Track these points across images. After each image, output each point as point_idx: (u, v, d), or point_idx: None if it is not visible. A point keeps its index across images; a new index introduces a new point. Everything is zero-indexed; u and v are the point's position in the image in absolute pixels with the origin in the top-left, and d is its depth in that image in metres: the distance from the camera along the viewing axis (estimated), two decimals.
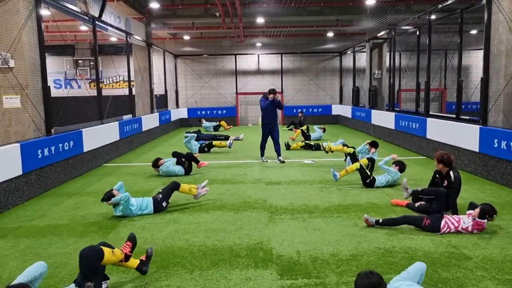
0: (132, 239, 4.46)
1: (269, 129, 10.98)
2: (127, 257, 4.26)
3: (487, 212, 5.37)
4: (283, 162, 10.81)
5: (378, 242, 5.21)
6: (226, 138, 15.29)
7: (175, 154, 9.79)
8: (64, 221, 6.31)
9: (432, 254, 4.82)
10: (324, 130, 15.55)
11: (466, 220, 5.47)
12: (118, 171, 10.26)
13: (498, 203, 6.78)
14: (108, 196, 6.26)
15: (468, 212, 5.63)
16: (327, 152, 10.45)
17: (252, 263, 4.68)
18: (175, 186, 6.91)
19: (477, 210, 5.43)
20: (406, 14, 14.23)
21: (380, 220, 5.77)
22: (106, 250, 3.96)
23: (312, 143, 13.08)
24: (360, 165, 8.01)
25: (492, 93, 8.75)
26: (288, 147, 13.06)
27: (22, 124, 8.11)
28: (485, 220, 5.36)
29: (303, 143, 13.19)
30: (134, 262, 4.34)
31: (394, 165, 8.05)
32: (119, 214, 6.32)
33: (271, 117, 10.96)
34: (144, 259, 4.44)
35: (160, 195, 6.72)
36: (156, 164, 9.36)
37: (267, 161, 11.01)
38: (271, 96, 10.73)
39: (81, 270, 3.78)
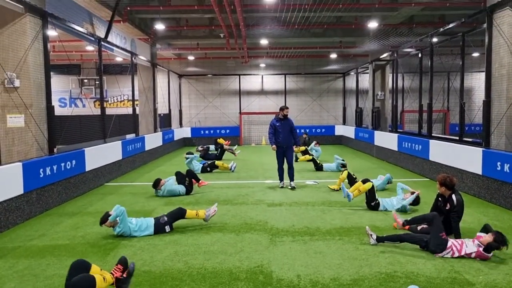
0: (123, 262, 4.40)
1: (283, 152, 10.20)
2: (117, 280, 4.21)
3: (493, 247, 5.28)
4: (294, 188, 10.08)
5: (380, 266, 5.15)
6: (221, 147, 15.58)
7: (177, 174, 9.80)
8: (64, 241, 6.27)
9: (434, 280, 4.75)
10: (318, 143, 15.40)
11: (469, 244, 5.40)
12: (120, 190, 10.25)
13: (501, 227, 6.71)
14: (104, 218, 6.27)
15: (478, 234, 5.56)
16: (335, 190, 9.76)
17: (251, 286, 4.63)
18: (181, 213, 6.77)
19: (486, 240, 5.33)
20: (408, 36, 14.38)
21: (383, 236, 5.82)
22: (97, 278, 3.91)
23: (318, 161, 13.10)
24: (373, 185, 7.97)
25: (495, 116, 8.74)
26: (296, 158, 13.46)
27: (25, 143, 8.15)
28: (490, 254, 5.29)
29: (311, 157, 13.24)
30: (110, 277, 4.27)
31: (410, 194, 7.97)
32: (117, 230, 6.29)
33: (284, 139, 10.12)
34: (125, 275, 4.38)
35: (166, 218, 6.65)
36: (157, 184, 9.34)
37: (284, 186, 10.27)
38: (285, 111, 10.09)
39: None
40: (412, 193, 7.96)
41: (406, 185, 8.40)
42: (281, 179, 10.41)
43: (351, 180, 9.30)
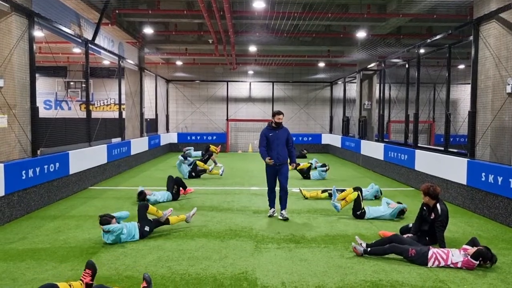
0: (91, 266, 4.31)
1: (275, 171, 7.95)
2: (88, 286, 4.11)
3: (483, 255, 5.30)
4: (287, 219, 7.81)
5: (365, 274, 5.12)
6: (210, 155, 15.22)
7: (168, 178, 9.64)
8: (45, 245, 6.13)
9: None
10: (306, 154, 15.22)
11: (456, 254, 5.41)
12: (104, 194, 10.09)
13: (485, 237, 6.76)
14: (103, 220, 6.11)
15: (464, 246, 5.56)
16: (306, 198, 9.82)
17: None
18: (165, 223, 6.86)
19: (474, 249, 5.36)
20: (395, 47, 14.54)
21: (369, 249, 5.74)
22: (61, 285, 3.82)
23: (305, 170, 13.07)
24: (358, 195, 7.97)
25: (480, 127, 8.85)
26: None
27: (8, 144, 7.97)
28: (477, 262, 5.29)
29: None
30: None
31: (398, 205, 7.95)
32: (109, 242, 6.16)
33: (277, 154, 7.84)
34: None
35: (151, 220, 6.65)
36: (143, 198, 8.89)
37: (275, 215, 8.06)
38: (277, 118, 7.98)
39: None
40: (399, 203, 8.02)
41: (391, 200, 8.35)
42: (272, 204, 8.20)
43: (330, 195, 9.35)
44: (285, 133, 8.05)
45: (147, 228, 6.56)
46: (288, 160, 8.12)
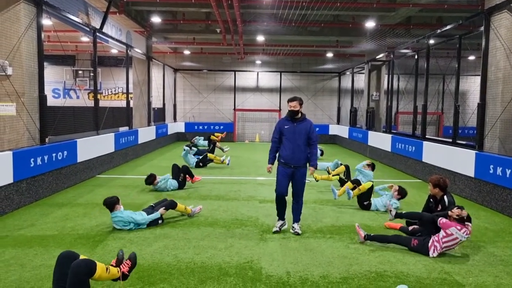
0: (133, 258, 4.30)
1: (289, 174, 6.23)
2: (124, 276, 4.12)
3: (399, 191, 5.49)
4: (299, 234, 6.29)
5: (370, 265, 5.13)
6: (214, 144, 15.20)
7: (173, 167, 9.70)
8: (52, 232, 6.20)
9: (424, 280, 4.74)
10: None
11: (441, 232, 5.47)
12: (111, 183, 10.17)
13: (492, 230, 6.74)
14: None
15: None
16: (317, 180, 9.82)
17: (240, 282, 4.59)
18: (172, 206, 6.87)
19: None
20: (405, 37, 14.39)
21: (371, 234, 5.84)
22: (99, 265, 3.83)
23: None
24: (372, 185, 7.97)
25: (489, 119, 8.75)
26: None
27: (16, 132, 8.04)
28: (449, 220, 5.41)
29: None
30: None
31: (396, 193, 7.75)
32: (119, 221, 6.26)
33: (294, 154, 6.16)
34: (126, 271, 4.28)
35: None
36: (151, 182, 9.13)
37: (280, 229, 6.43)
38: (289, 105, 6.15)
39: (69, 283, 3.67)
40: (391, 187, 7.98)
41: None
42: (281, 216, 6.52)
43: (343, 183, 9.42)
44: (306, 126, 6.23)
45: (160, 221, 6.65)
46: (307, 164, 6.34)
